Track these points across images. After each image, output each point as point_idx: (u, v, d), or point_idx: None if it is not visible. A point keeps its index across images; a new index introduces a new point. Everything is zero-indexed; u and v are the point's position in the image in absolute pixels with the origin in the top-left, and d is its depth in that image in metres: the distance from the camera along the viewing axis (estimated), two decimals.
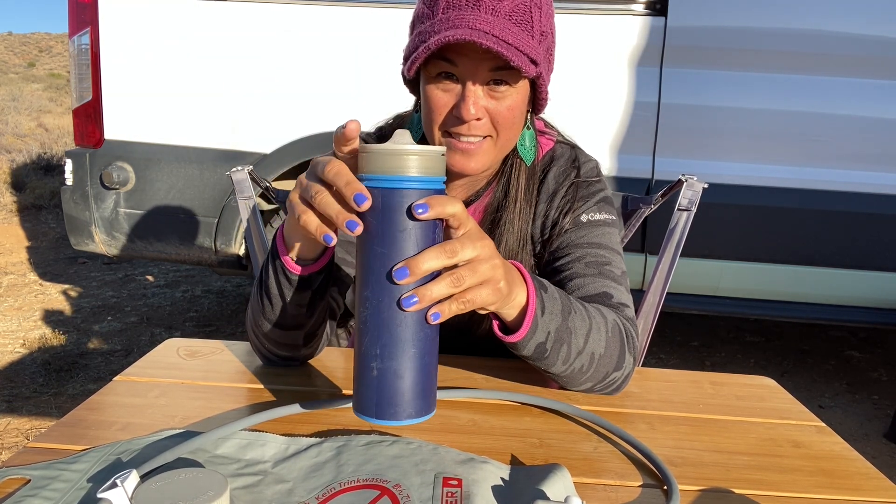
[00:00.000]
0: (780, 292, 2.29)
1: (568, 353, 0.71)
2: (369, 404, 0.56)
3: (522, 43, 0.74)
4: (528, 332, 0.67)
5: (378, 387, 0.55)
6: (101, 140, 2.39)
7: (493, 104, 0.79)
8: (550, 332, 0.69)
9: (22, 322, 3.25)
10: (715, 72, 2.17)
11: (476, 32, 0.72)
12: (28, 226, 5.25)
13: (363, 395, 0.56)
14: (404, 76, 0.83)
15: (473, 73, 0.77)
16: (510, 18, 0.75)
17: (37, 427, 2.23)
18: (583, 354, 0.72)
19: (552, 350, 0.70)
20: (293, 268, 0.69)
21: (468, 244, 0.55)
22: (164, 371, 0.80)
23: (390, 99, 1.09)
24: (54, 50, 40.01)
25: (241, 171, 1.20)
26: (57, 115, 12.16)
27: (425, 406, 0.56)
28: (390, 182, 0.53)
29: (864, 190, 2.16)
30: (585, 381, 0.75)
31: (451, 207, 0.54)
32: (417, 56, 0.75)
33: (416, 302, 0.53)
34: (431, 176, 0.54)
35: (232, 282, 3.98)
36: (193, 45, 2.31)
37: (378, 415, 0.55)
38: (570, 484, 0.56)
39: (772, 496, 0.59)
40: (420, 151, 0.53)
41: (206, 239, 2.39)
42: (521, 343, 0.69)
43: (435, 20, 0.76)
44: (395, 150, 0.53)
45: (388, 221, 0.53)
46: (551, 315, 0.69)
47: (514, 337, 0.68)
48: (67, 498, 0.52)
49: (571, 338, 0.71)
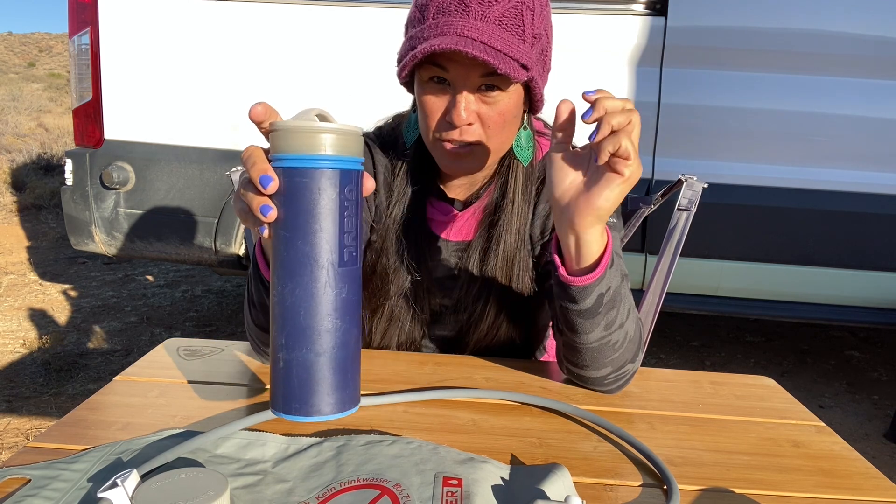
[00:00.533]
0: (780, 292, 2.29)
1: (613, 319, 0.72)
2: (276, 398, 0.52)
3: (512, 48, 0.74)
4: (600, 275, 0.68)
5: (284, 379, 0.51)
6: (101, 140, 2.39)
7: (485, 109, 0.79)
8: (611, 289, 0.70)
9: (22, 322, 3.25)
10: (715, 72, 2.17)
11: (463, 40, 0.72)
12: (28, 226, 5.25)
13: (272, 388, 0.53)
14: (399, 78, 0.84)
15: (464, 79, 0.77)
16: (500, 24, 0.74)
17: (37, 427, 2.23)
18: (621, 329, 0.73)
19: (605, 307, 0.71)
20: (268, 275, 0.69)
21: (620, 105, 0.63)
22: (164, 371, 0.80)
23: (390, 99, 1.09)
24: (54, 50, 40.01)
25: (240, 171, 1.20)
26: (57, 115, 12.16)
27: (339, 403, 0.52)
28: (294, 161, 0.49)
29: (864, 190, 2.15)
30: (608, 362, 0.75)
31: (617, 103, 0.62)
32: (406, 63, 0.75)
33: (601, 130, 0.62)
34: (344, 155, 0.50)
35: (232, 282, 3.98)
36: (193, 45, 2.31)
37: (284, 409, 0.51)
38: (570, 483, 0.56)
39: (772, 496, 0.59)
40: (330, 129, 0.49)
41: (206, 239, 2.39)
42: (588, 287, 0.69)
43: (424, 26, 0.76)
44: (299, 127, 0.49)
45: (292, 203, 0.50)
46: (616, 271, 0.71)
47: (585, 279, 0.69)
48: (68, 498, 0.52)
49: (621, 304, 0.72)
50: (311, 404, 0.51)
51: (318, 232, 0.50)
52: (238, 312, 3.49)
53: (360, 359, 0.54)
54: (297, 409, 0.51)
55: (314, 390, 0.51)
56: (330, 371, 0.51)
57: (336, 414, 0.52)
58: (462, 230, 0.94)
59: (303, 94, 2.27)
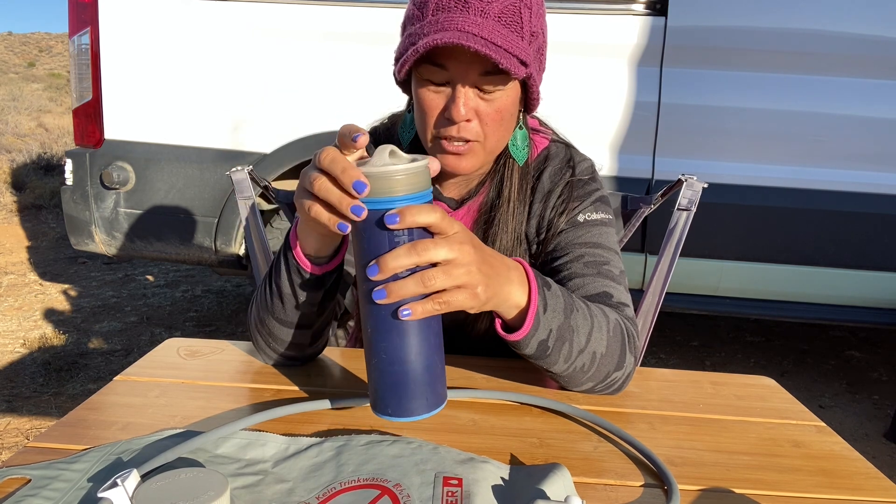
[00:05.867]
0: (780, 292, 2.29)
1: (570, 351, 0.71)
2: (374, 399, 0.59)
3: (511, 45, 0.74)
4: (529, 331, 0.67)
5: (378, 382, 0.58)
6: (101, 140, 2.39)
7: (483, 106, 0.80)
8: (552, 330, 0.69)
9: (22, 322, 3.25)
10: (715, 72, 2.17)
11: (464, 35, 0.72)
12: (28, 226, 5.25)
13: (369, 389, 0.59)
14: (396, 77, 0.83)
15: (463, 75, 0.77)
16: (499, 20, 0.75)
17: (37, 427, 2.23)
18: (584, 353, 0.72)
19: (554, 348, 0.70)
20: (307, 266, 0.69)
21: (443, 246, 0.55)
22: (165, 371, 0.80)
23: (390, 99, 1.09)
24: (54, 50, 40.00)
25: (240, 171, 1.20)
26: (57, 115, 12.16)
27: (428, 403, 0.58)
28: (377, 204, 0.54)
29: (864, 190, 2.15)
30: (586, 380, 0.75)
31: (424, 217, 0.54)
32: (406, 59, 0.75)
33: (385, 296, 0.54)
34: (417, 192, 0.55)
35: (232, 282, 3.98)
36: (193, 45, 2.31)
37: (381, 410, 0.58)
38: (570, 484, 0.56)
39: (772, 496, 0.59)
40: (405, 172, 0.54)
41: (206, 239, 2.39)
42: (522, 341, 0.69)
43: (424, 22, 0.76)
44: (383, 173, 0.53)
45: (375, 240, 0.55)
46: (554, 312, 0.69)
47: (516, 335, 0.68)
48: (68, 498, 0.52)
49: (573, 336, 0.71)
50: (408, 405, 0.58)
51: None
52: (238, 312, 3.49)
53: (443, 363, 0.61)
54: (395, 411, 0.58)
55: (407, 393, 0.57)
56: (420, 373, 0.58)
57: (429, 412, 0.59)
58: None
59: (302, 94, 2.27)
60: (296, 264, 0.69)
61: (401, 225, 0.53)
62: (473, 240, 0.60)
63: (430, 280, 0.55)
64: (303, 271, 0.69)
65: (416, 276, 0.55)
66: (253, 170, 1.21)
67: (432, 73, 0.78)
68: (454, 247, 0.56)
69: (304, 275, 0.70)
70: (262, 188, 1.24)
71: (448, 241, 0.56)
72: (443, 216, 0.55)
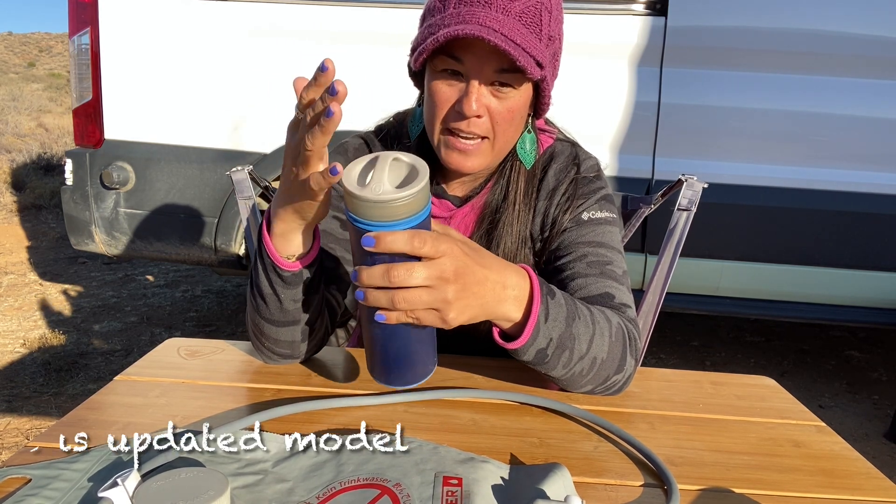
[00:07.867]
0: (780, 292, 2.29)
1: (569, 358, 0.71)
2: (369, 365, 0.67)
3: (530, 45, 0.75)
4: (528, 340, 0.67)
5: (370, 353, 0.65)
6: (101, 140, 2.39)
7: (495, 103, 0.80)
8: (553, 339, 0.69)
9: (22, 322, 3.25)
10: (715, 72, 2.17)
11: (485, 29, 0.72)
12: (28, 226, 5.25)
13: (369, 363, 0.67)
14: (410, 68, 0.83)
15: (479, 70, 0.77)
16: (520, 19, 0.75)
17: (37, 427, 2.23)
18: (584, 359, 0.72)
19: (553, 355, 0.70)
20: (283, 264, 0.69)
21: (420, 272, 0.57)
22: (165, 371, 0.80)
23: (391, 99, 1.09)
24: (54, 50, 40.00)
25: (240, 171, 1.20)
26: (57, 115, 12.15)
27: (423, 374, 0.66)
28: (377, 227, 0.56)
29: (864, 190, 2.15)
30: (586, 384, 0.75)
31: (398, 245, 0.55)
32: (425, 48, 0.75)
33: (363, 298, 0.58)
34: (414, 214, 0.57)
35: (232, 282, 3.97)
36: (193, 46, 2.31)
37: (375, 377, 0.67)
38: (570, 483, 0.56)
39: (772, 496, 0.59)
40: (405, 198, 0.55)
41: (206, 239, 2.39)
42: (520, 350, 0.69)
43: (446, 14, 0.77)
44: (380, 201, 0.55)
45: (360, 251, 0.58)
46: (555, 322, 0.68)
47: (514, 344, 0.68)
48: (68, 497, 0.52)
49: (574, 344, 0.70)
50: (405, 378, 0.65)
51: None
52: (238, 312, 3.49)
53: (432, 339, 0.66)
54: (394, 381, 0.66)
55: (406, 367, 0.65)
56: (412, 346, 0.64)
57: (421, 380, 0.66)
58: (460, 226, 0.94)
59: None
60: (271, 263, 0.70)
61: (376, 249, 0.56)
62: (465, 259, 0.60)
63: (399, 300, 0.57)
64: (279, 269, 0.70)
65: (389, 293, 0.57)
66: (253, 170, 1.21)
67: (448, 66, 0.78)
68: (432, 273, 0.57)
69: (281, 273, 0.70)
70: (263, 188, 1.24)
71: (427, 267, 0.57)
72: (422, 243, 0.56)
